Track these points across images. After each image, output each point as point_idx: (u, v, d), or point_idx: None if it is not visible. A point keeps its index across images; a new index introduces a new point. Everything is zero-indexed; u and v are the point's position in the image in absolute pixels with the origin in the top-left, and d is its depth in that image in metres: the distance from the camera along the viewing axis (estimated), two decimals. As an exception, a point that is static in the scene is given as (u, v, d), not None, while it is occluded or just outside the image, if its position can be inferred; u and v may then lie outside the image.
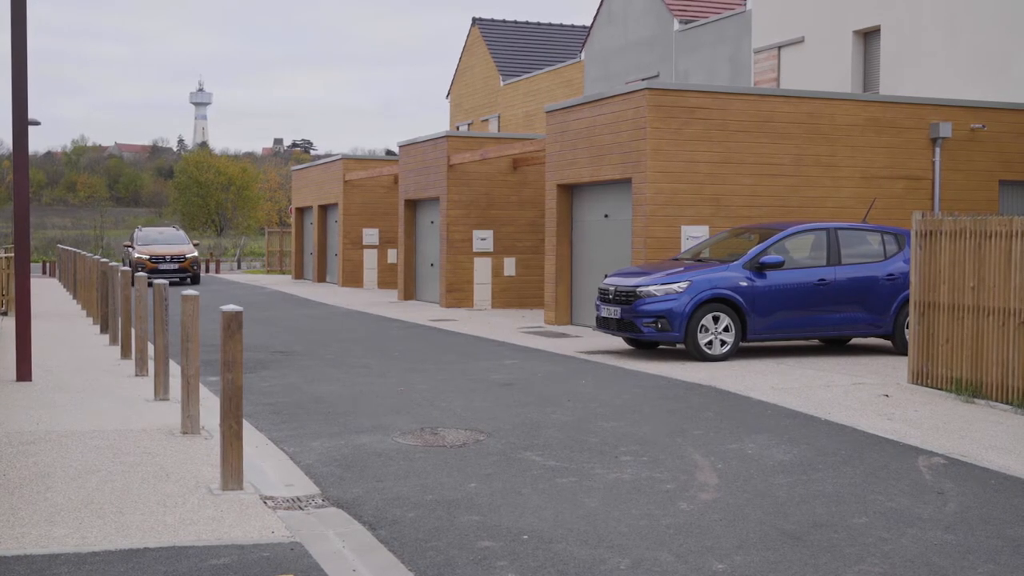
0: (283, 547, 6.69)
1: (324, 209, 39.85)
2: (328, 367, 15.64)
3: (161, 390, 12.20)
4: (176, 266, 37.90)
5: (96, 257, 22.32)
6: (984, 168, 21.50)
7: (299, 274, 43.06)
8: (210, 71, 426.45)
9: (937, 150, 20.88)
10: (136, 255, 37.85)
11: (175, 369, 12.19)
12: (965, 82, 23.01)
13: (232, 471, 8.00)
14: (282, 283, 39.65)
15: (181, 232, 43.37)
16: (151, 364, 13.28)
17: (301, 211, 43.76)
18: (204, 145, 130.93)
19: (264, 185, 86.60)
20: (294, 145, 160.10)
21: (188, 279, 37.99)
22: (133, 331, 15.16)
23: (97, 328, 20.50)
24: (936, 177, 20.87)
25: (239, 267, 58.95)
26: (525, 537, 7.11)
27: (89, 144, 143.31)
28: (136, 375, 14.17)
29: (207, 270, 52.91)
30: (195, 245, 41.28)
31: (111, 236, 71.50)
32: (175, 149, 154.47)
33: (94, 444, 9.64)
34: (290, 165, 74.22)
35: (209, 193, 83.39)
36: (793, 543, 7.07)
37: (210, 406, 10.66)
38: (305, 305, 28.83)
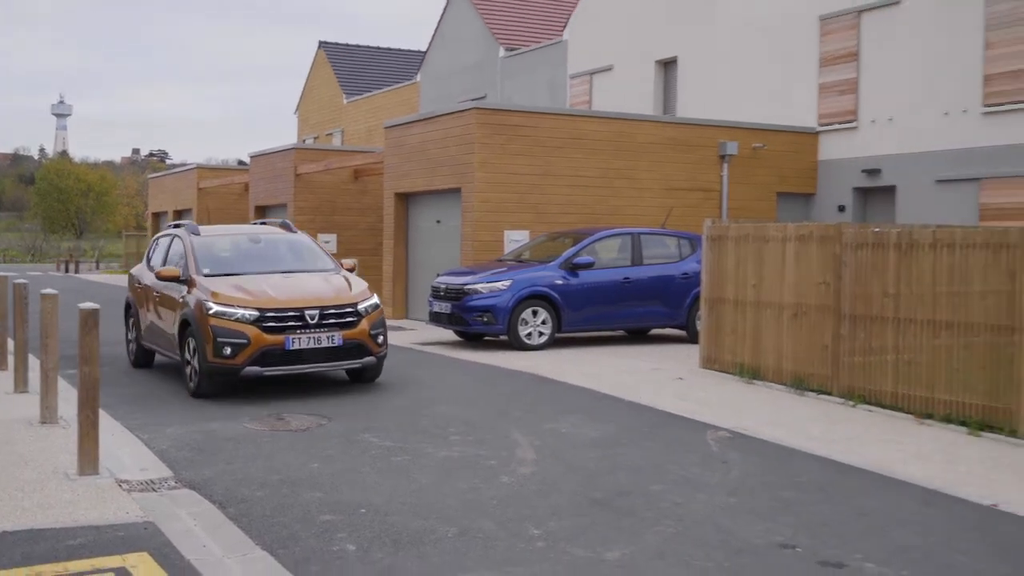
0: (137, 527, 6.48)
1: (179, 214, 38.65)
2: (182, 359, 15.20)
3: (21, 383, 11.66)
4: (336, 339, 11.75)
5: None
6: (764, 182, 22.33)
7: None
8: (71, 84, 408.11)
9: (725, 166, 21.57)
10: (189, 296, 12.12)
11: (35, 364, 11.69)
12: (749, 107, 23.85)
13: (88, 457, 7.71)
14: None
15: (305, 237, 14.07)
16: (11, 359, 12.67)
17: (157, 215, 42.33)
18: (64, 154, 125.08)
19: (122, 192, 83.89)
20: (151, 155, 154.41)
21: (361, 370, 12.55)
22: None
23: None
24: (724, 189, 21.56)
25: (98, 268, 56.74)
26: (363, 511, 7.07)
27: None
28: (-4, 369, 13.50)
29: (66, 270, 50.70)
30: (351, 272, 13.36)
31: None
32: (36, 157, 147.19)
33: (-46, 435, 9.16)
34: (147, 173, 71.70)
35: (69, 199, 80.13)
36: (601, 509, 7.22)
37: (69, 397, 10.22)
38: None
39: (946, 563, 6.19)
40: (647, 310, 17.10)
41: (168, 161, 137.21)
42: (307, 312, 11.45)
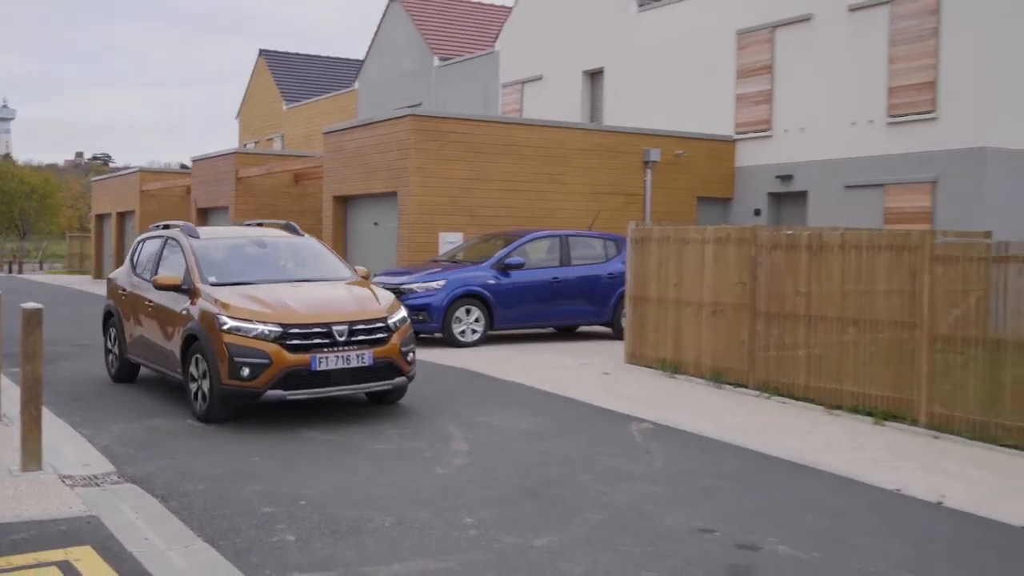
0: (80, 521, 6.34)
1: (122, 216, 37.86)
2: (125, 357, 14.89)
3: (-36, 381, 11.34)
4: (367, 358, 9.74)
5: None
6: (685, 187, 22.56)
7: (99, 274, 40.59)
8: (14, 88, 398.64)
9: (649, 171, 21.74)
10: (193, 308, 10.09)
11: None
12: (671, 116, 24.08)
13: (32, 454, 7.52)
14: (82, 282, 37.41)
15: (314, 240, 12.13)
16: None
17: (101, 217, 41.39)
18: (8, 157, 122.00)
19: (66, 194, 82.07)
20: (94, 158, 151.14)
21: (390, 393, 10.53)
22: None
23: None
24: (647, 193, 21.73)
25: (41, 268, 55.37)
26: (302, 503, 7.00)
27: None
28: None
29: (10, 271, 49.46)
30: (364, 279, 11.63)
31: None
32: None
33: None
34: (91, 176, 70.24)
35: (13, 200, 78.01)
36: (531, 498, 7.24)
37: (12, 395, 9.97)
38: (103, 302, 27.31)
39: (854, 544, 6.31)
40: (575, 308, 17.18)
41: (111, 164, 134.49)
42: (335, 328, 9.59)
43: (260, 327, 9.45)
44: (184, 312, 10.20)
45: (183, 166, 51.15)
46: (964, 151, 18.52)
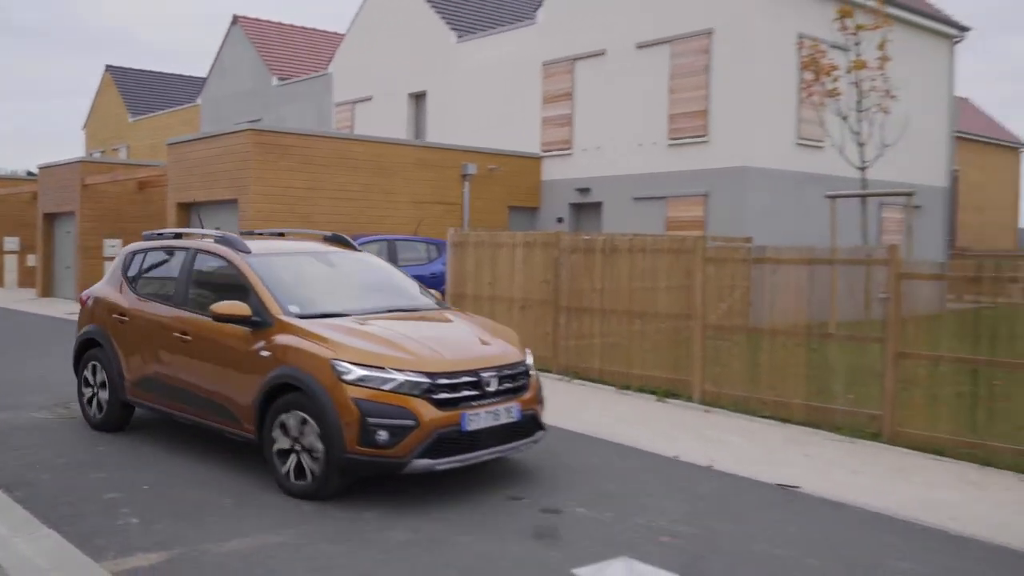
0: (-78, 513, 5.85)
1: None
2: (-29, 355, 13.85)
3: None
4: (515, 412, 6.78)
5: None
6: (498, 197, 22.79)
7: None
8: None
9: (466, 183, 21.83)
10: (278, 348, 6.79)
11: None
12: (485, 134, 24.28)
13: None
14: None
15: (373, 257, 8.84)
16: None
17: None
18: None
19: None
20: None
21: (523, 440, 7.02)
22: None
23: None
24: (465, 203, 21.83)
25: None
26: (145, 487, 6.69)
27: None
28: None
29: None
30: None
31: None
32: None
33: None
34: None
35: None
36: (360, 478, 7.12)
37: None
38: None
39: (640, 504, 6.54)
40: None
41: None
42: (484, 376, 6.61)
43: (399, 377, 6.31)
44: (262, 353, 6.80)
45: (30, 173, 47.78)
46: (730, 169, 19.48)
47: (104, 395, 8.52)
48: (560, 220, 23.00)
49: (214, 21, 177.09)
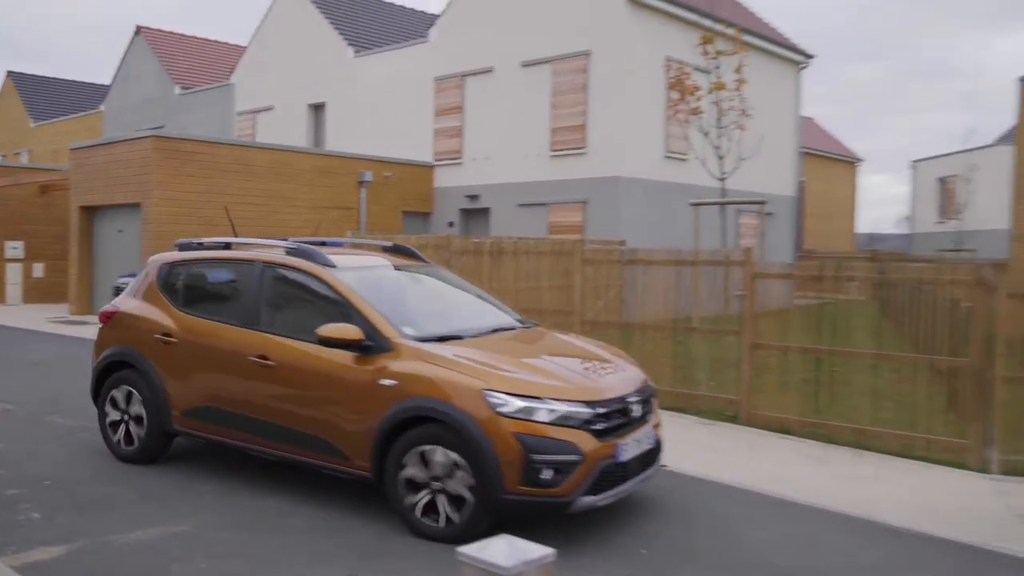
0: None
1: None
2: None
3: None
4: (651, 438, 5.88)
5: None
6: (393, 203, 22.61)
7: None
8: None
9: (363, 190, 21.60)
10: (400, 374, 5.54)
11: None
12: (381, 144, 24.04)
13: None
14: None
15: (445, 270, 7.74)
16: None
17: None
18: None
19: None
20: None
21: (654, 467, 6.04)
22: None
23: None
24: (362, 208, 21.59)
25: None
26: (47, 483, 6.36)
27: None
28: None
29: None
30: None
31: None
32: None
33: None
34: None
35: None
36: (260, 466, 6.95)
37: None
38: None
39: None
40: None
41: None
42: (630, 401, 5.69)
43: (560, 407, 5.26)
44: (382, 382, 5.55)
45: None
46: (605, 179, 19.82)
47: (137, 425, 6.93)
48: (451, 224, 22.97)
49: (116, 32, 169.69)
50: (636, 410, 5.69)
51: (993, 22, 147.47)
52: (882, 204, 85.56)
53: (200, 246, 7.25)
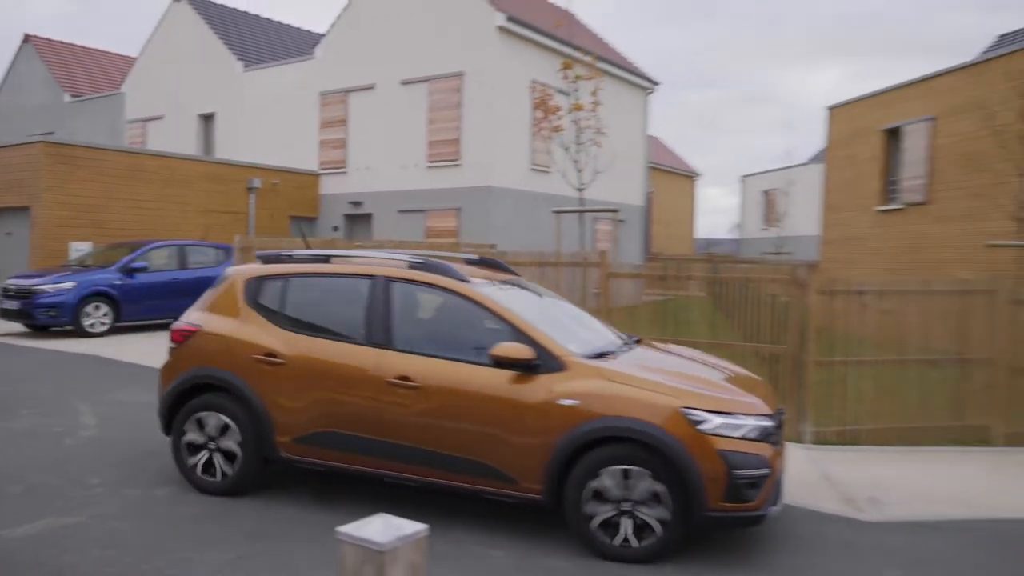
0: None
1: None
2: None
3: None
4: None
5: None
6: (281, 208, 22.01)
7: None
8: None
9: (252, 196, 20.94)
10: (577, 394, 4.85)
11: None
12: (270, 153, 23.35)
13: None
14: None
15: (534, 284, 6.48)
16: None
17: None
18: None
19: None
20: None
21: None
22: None
23: None
24: (251, 213, 20.93)
25: None
26: (-69, 481, 5.87)
27: None
28: None
29: None
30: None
31: None
32: None
33: None
34: None
35: None
36: (150, 457, 6.66)
37: None
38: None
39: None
40: (191, 303, 15.99)
41: None
42: (783, 415, 5.31)
43: (751, 422, 4.82)
44: (561, 402, 4.84)
45: None
46: (478, 188, 19.94)
47: (226, 459, 5.70)
48: (336, 229, 22.57)
49: (3, 41, 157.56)
50: (779, 424, 5.15)
51: (804, 60, 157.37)
52: (716, 213, 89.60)
53: (290, 259, 6.02)
